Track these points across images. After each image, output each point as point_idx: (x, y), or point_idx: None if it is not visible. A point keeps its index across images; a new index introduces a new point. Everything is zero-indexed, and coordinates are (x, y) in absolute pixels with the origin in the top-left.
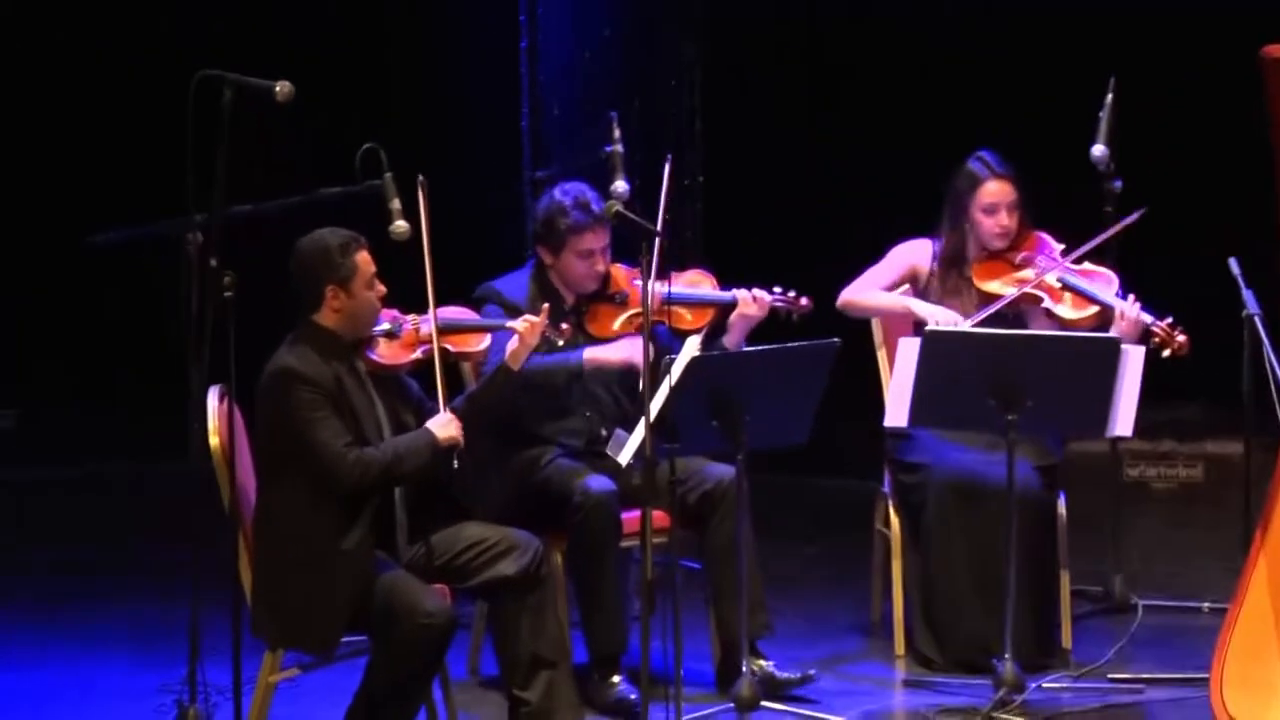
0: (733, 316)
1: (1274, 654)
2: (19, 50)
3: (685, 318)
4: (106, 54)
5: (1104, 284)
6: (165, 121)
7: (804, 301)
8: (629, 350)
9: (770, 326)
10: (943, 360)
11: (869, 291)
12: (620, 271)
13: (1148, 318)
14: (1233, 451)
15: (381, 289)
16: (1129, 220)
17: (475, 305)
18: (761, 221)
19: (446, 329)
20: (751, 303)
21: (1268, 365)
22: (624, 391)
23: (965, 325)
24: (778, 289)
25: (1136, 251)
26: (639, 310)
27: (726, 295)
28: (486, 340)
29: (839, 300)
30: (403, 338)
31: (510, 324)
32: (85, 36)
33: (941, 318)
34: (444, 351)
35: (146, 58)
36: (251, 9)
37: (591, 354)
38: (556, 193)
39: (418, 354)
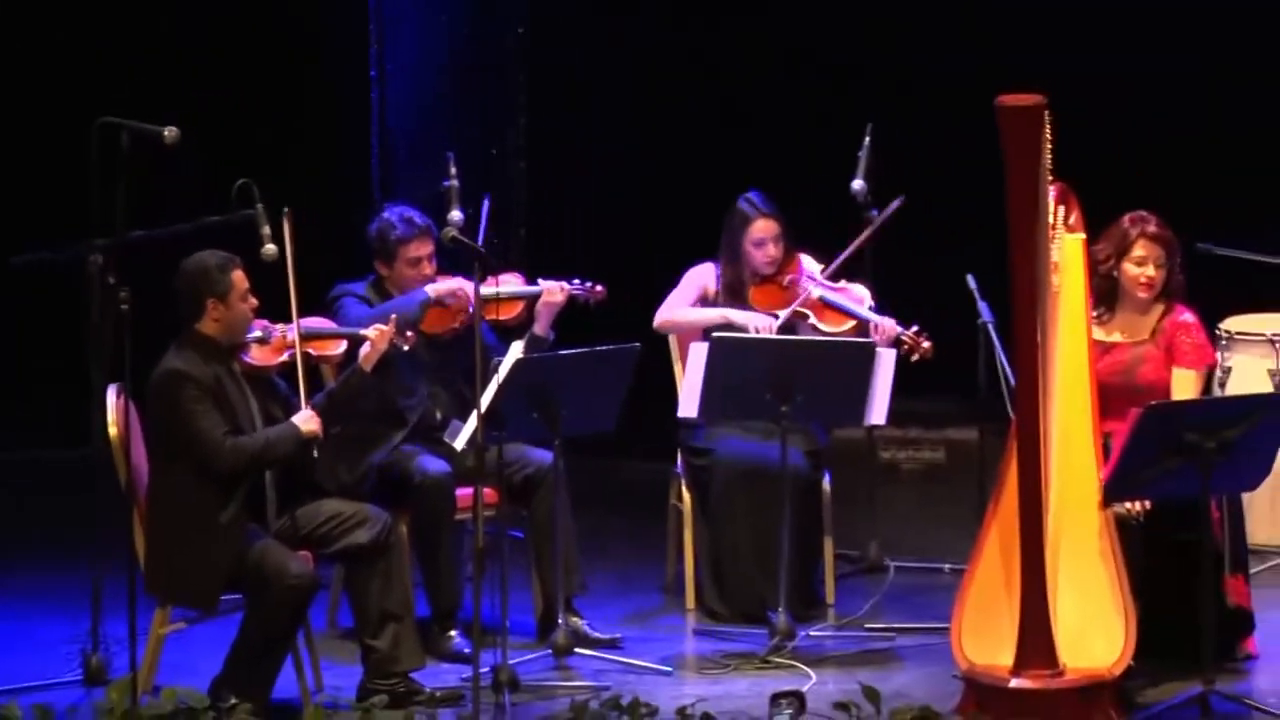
0: (539, 305)
1: (1003, 607)
2: None
3: (500, 311)
4: (16, 98)
5: (858, 300)
6: (72, 159)
7: (599, 289)
8: (456, 285)
9: (581, 317)
10: (727, 362)
11: (681, 310)
12: (449, 280)
13: (897, 328)
14: (969, 437)
15: (254, 302)
16: (889, 211)
17: (332, 301)
18: (574, 238)
19: (308, 336)
20: (555, 292)
21: (998, 365)
22: (466, 383)
23: (774, 327)
24: (576, 280)
25: (890, 269)
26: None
27: (534, 288)
28: (343, 345)
29: (656, 322)
30: (272, 343)
31: (363, 331)
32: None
33: (759, 324)
34: (306, 355)
35: (51, 102)
36: (147, 63)
37: (434, 288)
38: (385, 214)
39: (284, 357)
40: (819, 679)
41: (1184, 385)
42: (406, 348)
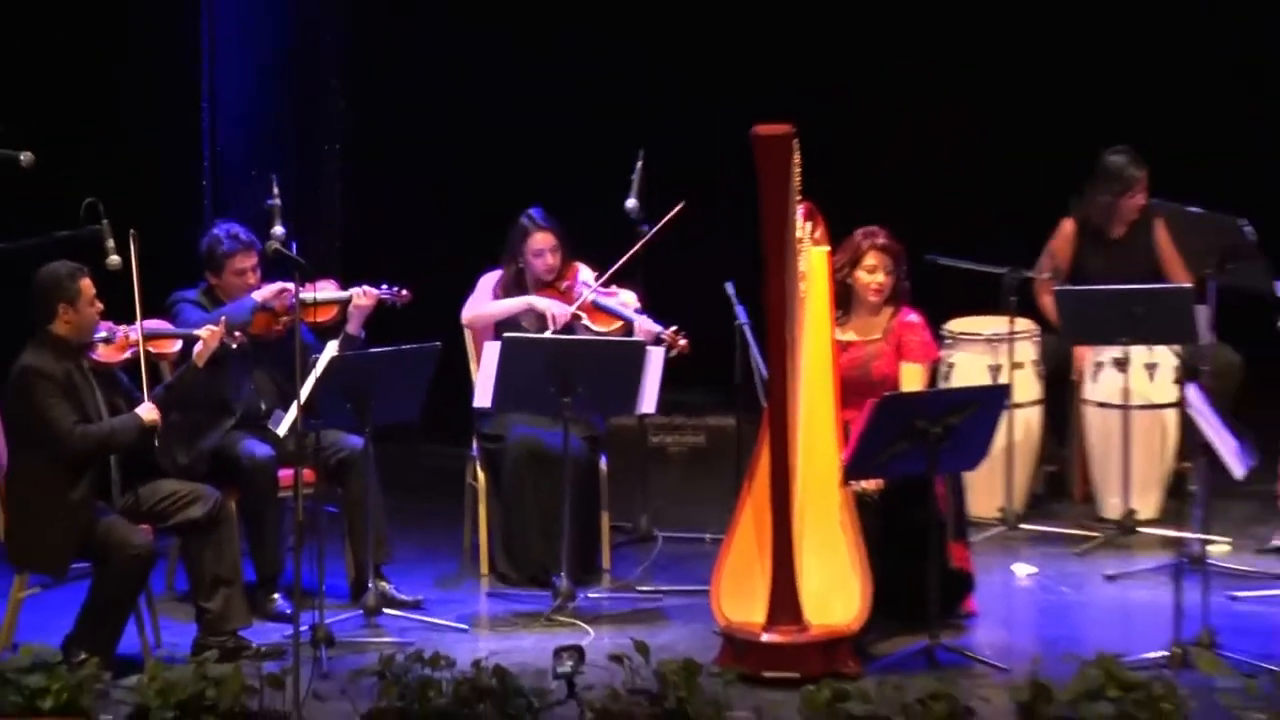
0: (350, 308)
1: (756, 572)
2: None
3: (318, 314)
4: None
5: (624, 304)
6: None
7: (405, 293)
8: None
9: (389, 317)
10: (516, 359)
11: (487, 304)
12: (271, 286)
13: (657, 327)
14: (727, 424)
15: (100, 306)
16: (670, 216)
17: (170, 305)
18: (385, 249)
19: (149, 336)
20: (363, 296)
21: (753, 361)
22: (284, 378)
23: (568, 313)
24: (384, 285)
25: (661, 276)
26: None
27: (345, 293)
28: (179, 344)
29: (465, 318)
30: (116, 342)
31: (197, 331)
32: None
33: (555, 310)
34: (147, 353)
35: None
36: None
37: (261, 293)
38: (214, 230)
39: (128, 355)
40: (596, 635)
41: (911, 377)
42: (235, 345)
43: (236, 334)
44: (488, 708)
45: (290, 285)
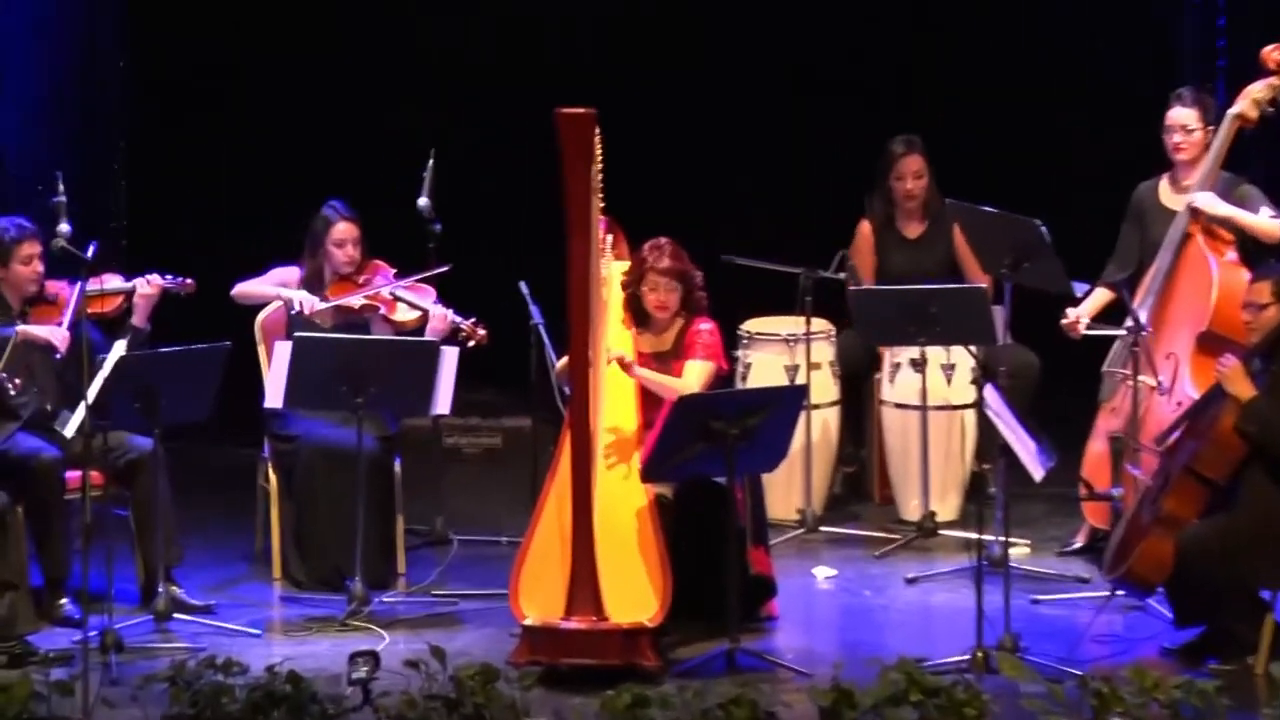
0: (135, 298)
1: (557, 571)
2: None
3: (104, 304)
4: None
5: (424, 295)
6: None
7: (189, 282)
8: (50, 332)
9: (179, 311)
10: (308, 358)
11: (252, 284)
12: (54, 283)
13: (457, 318)
14: (523, 424)
15: None
16: (437, 271)
17: None
18: (174, 243)
19: None
20: (147, 285)
21: (548, 361)
22: (71, 378)
23: (316, 305)
24: (169, 275)
25: (457, 275)
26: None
27: (129, 284)
28: None
29: (233, 292)
30: None
31: None
32: None
33: (305, 301)
34: None
35: None
36: None
37: (24, 329)
38: None
39: None
40: (392, 640)
41: (691, 372)
42: (13, 390)
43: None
44: (282, 714)
45: (68, 283)
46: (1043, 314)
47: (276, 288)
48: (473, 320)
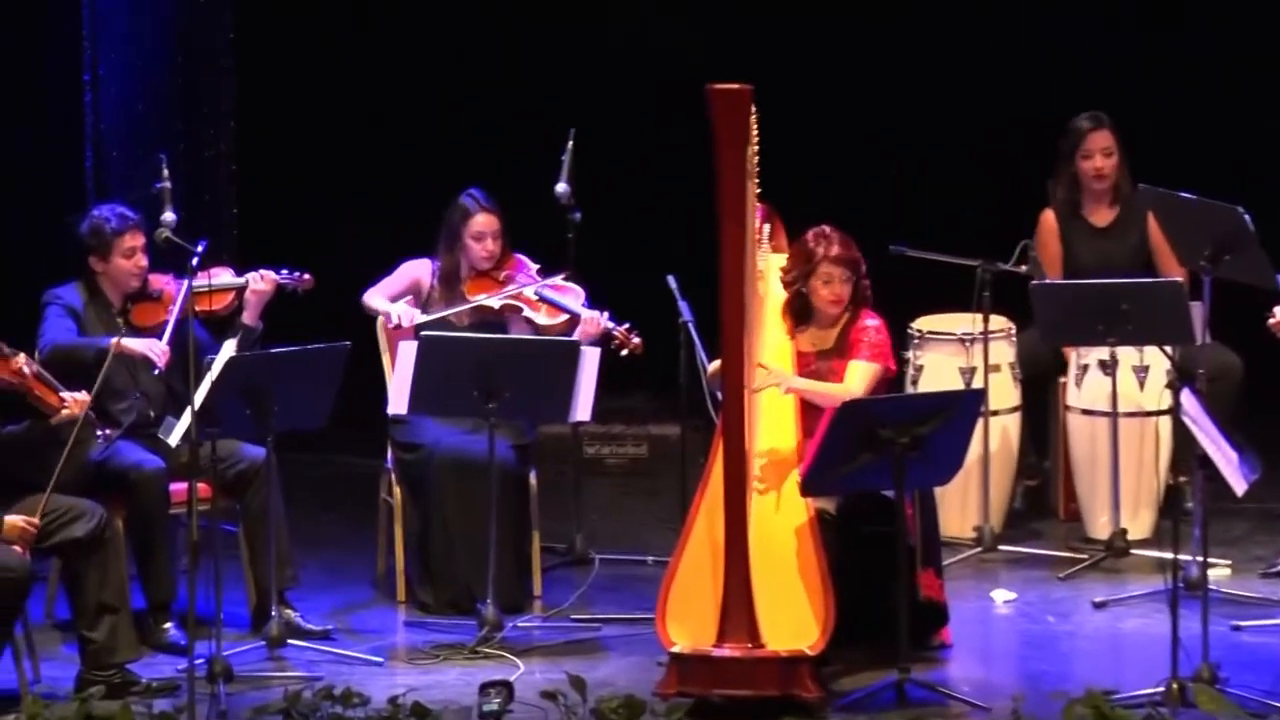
0: (247, 294)
1: (708, 594)
2: None
3: (212, 302)
4: None
5: (573, 297)
6: None
7: (306, 277)
8: (149, 347)
9: (291, 308)
10: (436, 359)
11: (376, 297)
12: (158, 277)
13: (610, 324)
14: (671, 433)
15: None
16: (552, 280)
17: (43, 307)
18: (289, 235)
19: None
20: (260, 281)
21: (699, 363)
22: (177, 381)
23: (416, 317)
24: (284, 269)
25: (595, 269)
26: (173, 304)
27: (240, 279)
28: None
29: (363, 299)
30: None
31: (64, 410)
32: None
33: (404, 314)
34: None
35: None
36: None
37: (126, 342)
38: (94, 212)
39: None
40: (526, 668)
41: (854, 374)
42: (102, 441)
43: (107, 430)
44: None
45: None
46: (1246, 311)
47: (387, 305)
48: (626, 326)
